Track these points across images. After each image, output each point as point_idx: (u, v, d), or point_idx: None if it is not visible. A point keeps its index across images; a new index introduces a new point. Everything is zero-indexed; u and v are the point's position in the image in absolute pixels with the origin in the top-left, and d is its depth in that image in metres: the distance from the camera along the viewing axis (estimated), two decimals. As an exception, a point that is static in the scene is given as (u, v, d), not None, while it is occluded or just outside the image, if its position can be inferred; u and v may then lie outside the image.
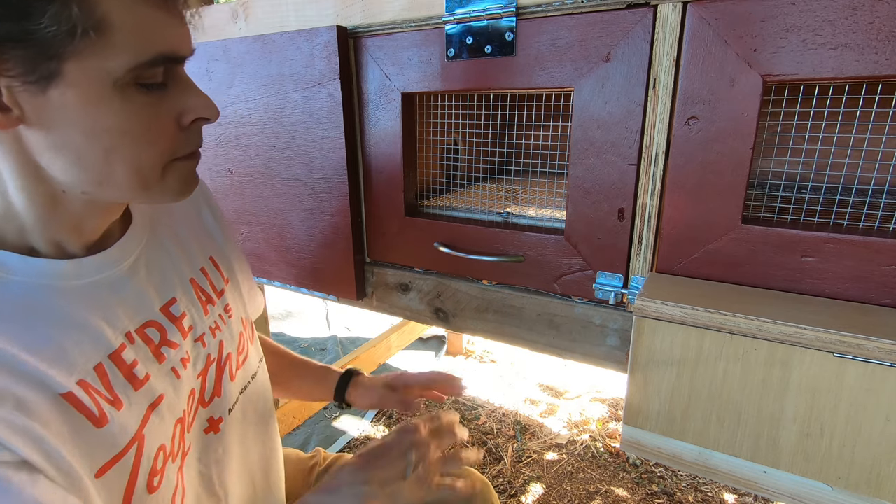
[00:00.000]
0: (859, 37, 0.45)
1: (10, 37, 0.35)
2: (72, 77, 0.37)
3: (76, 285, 0.46)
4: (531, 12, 0.59)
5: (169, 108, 0.44)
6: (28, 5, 0.34)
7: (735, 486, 0.65)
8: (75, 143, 0.40)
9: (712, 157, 0.53)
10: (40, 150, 0.40)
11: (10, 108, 0.37)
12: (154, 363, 0.50)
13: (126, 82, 0.39)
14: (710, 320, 0.50)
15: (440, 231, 0.75)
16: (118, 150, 0.41)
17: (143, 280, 0.52)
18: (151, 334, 0.51)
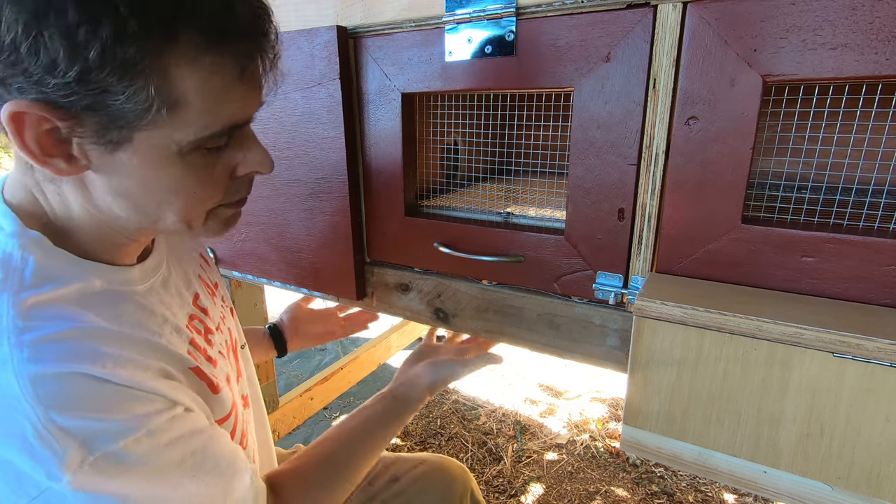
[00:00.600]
0: (859, 37, 0.45)
1: (88, 107, 0.37)
2: (140, 144, 0.40)
3: (143, 289, 0.50)
4: (531, 12, 0.59)
5: (225, 162, 0.46)
6: (109, 84, 0.36)
7: (735, 486, 0.65)
8: (133, 193, 0.43)
9: (712, 157, 0.53)
10: (101, 194, 0.43)
11: (79, 159, 0.40)
12: (210, 348, 0.57)
13: (189, 150, 0.42)
14: (710, 320, 0.50)
15: (440, 231, 0.75)
16: (171, 203, 0.44)
17: (175, 280, 0.57)
18: (198, 325, 0.56)
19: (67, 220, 0.45)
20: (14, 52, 0.34)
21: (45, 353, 0.38)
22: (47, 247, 0.43)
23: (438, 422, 1.78)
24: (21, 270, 0.41)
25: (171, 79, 0.38)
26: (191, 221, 0.47)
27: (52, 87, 0.35)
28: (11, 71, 0.35)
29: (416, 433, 1.72)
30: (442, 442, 1.68)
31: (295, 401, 1.51)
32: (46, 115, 0.37)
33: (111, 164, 0.41)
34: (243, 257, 0.94)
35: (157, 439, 0.41)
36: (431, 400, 1.91)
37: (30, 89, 0.36)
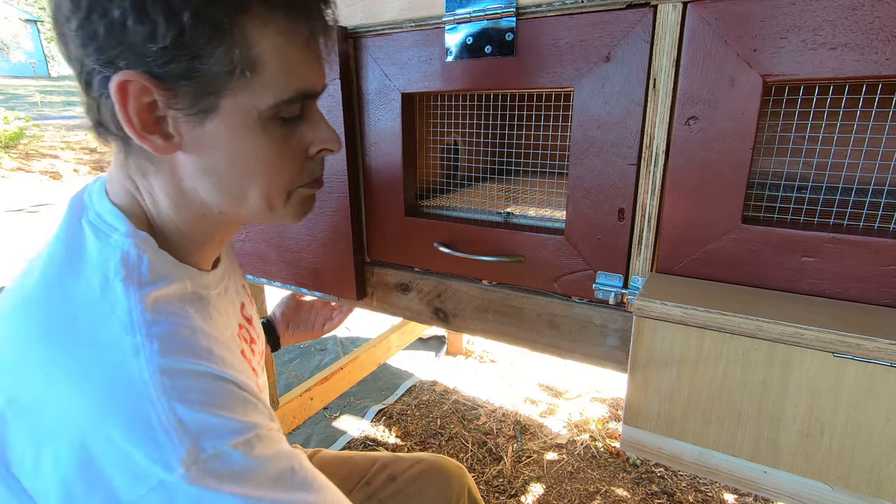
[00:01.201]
0: (859, 37, 0.45)
1: (182, 75, 0.40)
2: (226, 111, 0.43)
3: (215, 294, 0.53)
4: (531, 12, 0.59)
5: (299, 139, 0.48)
6: (200, 47, 0.39)
7: (735, 486, 0.65)
8: (219, 168, 0.45)
9: (712, 157, 0.53)
10: (189, 174, 0.46)
11: (173, 136, 0.43)
12: (253, 357, 0.58)
13: (268, 116, 0.44)
14: (710, 320, 0.50)
15: (440, 231, 0.75)
16: (253, 176, 0.46)
17: (231, 288, 0.60)
18: (245, 335, 0.58)
19: (161, 223, 0.48)
20: (122, 27, 0.37)
21: (173, 347, 0.40)
22: (154, 247, 0.46)
23: (438, 422, 1.78)
24: (138, 267, 0.43)
25: (250, 40, 0.41)
26: (272, 200, 0.49)
27: (152, 55, 0.38)
28: (120, 47, 0.38)
29: (416, 433, 1.72)
30: (442, 442, 1.68)
31: (295, 401, 1.51)
32: (148, 84, 0.39)
33: (200, 138, 0.43)
34: (243, 257, 0.94)
35: (263, 447, 0.41)
36: (431, 400, 1.91)
37: (133, 61, 0.39)
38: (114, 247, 0.44)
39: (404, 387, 1.99)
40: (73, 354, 0.39)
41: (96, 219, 0.46)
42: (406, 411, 1.85)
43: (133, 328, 0.40)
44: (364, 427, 1.75)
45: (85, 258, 0.43)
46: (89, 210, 0.47)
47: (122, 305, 0.41)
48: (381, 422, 1.78)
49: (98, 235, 0.44)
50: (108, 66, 0.39)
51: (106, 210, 0.46)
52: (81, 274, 0.42)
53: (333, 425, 1.76)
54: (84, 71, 0.41)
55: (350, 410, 1.84)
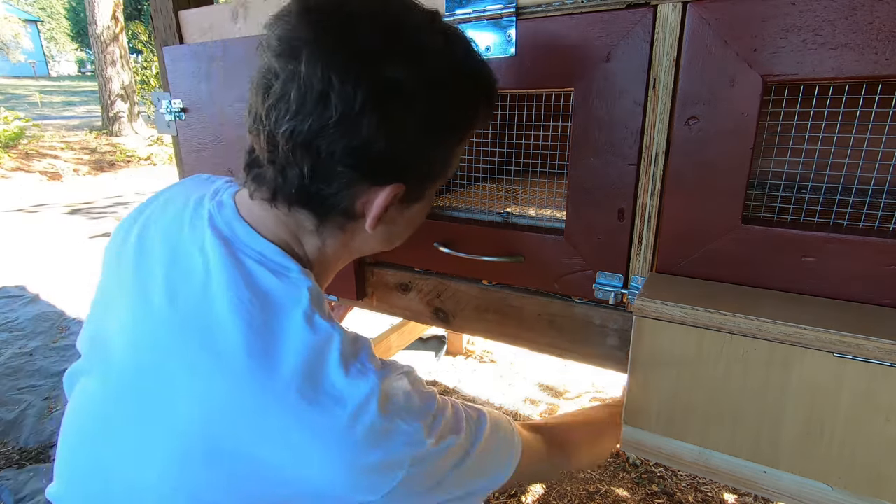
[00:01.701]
0: (859, 37, 0.45)
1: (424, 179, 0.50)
2: (427, 196, 0.52)
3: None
4: (531, 12, 0.59)
5: None
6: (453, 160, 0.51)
7: (735, 486, 0.65)
8: (395, 234, 0.55)
9: (712, 157, 0.53)
10: (369, 238, 0.52)
11: (386, 217, 0.49)
12: None
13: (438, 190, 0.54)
14: (710, 320, 0.49)
15: (440, 231, 0.75)
16: (412, 230, 0.57)
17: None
18: None
19: (314, 260, 0.52)
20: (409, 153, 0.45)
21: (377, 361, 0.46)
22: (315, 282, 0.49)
23: (438, 422, 1.78)
24: (320, 302, 0.47)
25: (461, 150, 0.52)
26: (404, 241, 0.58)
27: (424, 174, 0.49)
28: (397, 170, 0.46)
29: (416, 433, 1.72)
30: (442, 442, 1.68)
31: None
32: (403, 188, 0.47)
33: (401, 216, 0.52)
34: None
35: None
36: (431, 400, 1.91)
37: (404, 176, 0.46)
38: (298, 286, 0.46)
39: (404, 387, 1.99)
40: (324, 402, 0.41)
41: (261, 258, 0.47)
42: (406, 411, 1.85)
43: (350, 355, 0.44)
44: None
45: (275, 299, 0.45)
46: (242, 246, 0.48)
47: (334, 338, 0.44)
48: (381, 422, 1.78)
49: (276, 275, 0.46)
50: (371, 177, 0.45)
51: (269, 250, 0.48)
52: (282, 315, 0.44)
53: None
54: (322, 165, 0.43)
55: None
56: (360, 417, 0.41)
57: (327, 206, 0.47)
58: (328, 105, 0.40)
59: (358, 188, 0.45)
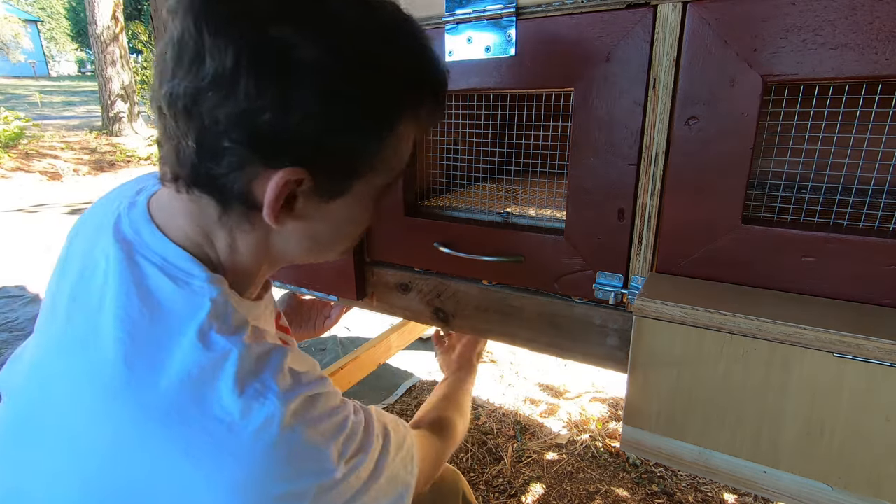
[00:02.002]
0: (859, 37, 0.45)
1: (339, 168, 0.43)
2: (355, 192, 0.45)
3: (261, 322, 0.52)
4: (531, 12, 0.59)
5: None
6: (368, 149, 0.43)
7: (735, 486, 0.65)
8: (322, 235, 0.47)
9: (712, 157, 0.53)
10: (289, 236, 0.46)
11: (298, 212, 0.43)
12: None
13: (381, 190, 0.47)
14: (710, 320, 0.49)
15: (440, 231, 0.75)
16: (348, 238, 0.50)
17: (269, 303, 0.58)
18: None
19: (229, 264, 0.46)
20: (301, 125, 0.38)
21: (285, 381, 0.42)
22: (228, 290, 0.45)
23: (438, 422, 1.78)
24: (225, 315, 0.42)
25: (401, 139, 0.44)
26: (348, 250, 0.53)
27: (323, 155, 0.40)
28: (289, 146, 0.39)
29: (416, 433, 1.72)
30: (442, 442, 1.68)
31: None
32: (304, 176, 0.40)
33: (319, 212, 0.45)
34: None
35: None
36: (431, 400, 1.91)
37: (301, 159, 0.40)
38: (200, 295, 0.42)
39: (404, 387, 1.99)
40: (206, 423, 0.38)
41: (164, 263, 0.43)
42: (406, 411, 1.85)
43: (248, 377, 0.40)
44: (364, 427, 1.75)
45: (169, 310, 0.41)
46: (144, 249, 0.44)
47: (231, 356, 0.40)
48: (381, 422, 1.78)
49: (176, 282, 0.42)
50: (263, 158, 0.39)
51: (173, 253, 0.43)
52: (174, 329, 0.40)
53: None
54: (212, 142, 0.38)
55: (350, 410, 1.84)
56: (256, 443, 0.38)
57: (222, 189, 0.41)
58: (203, 63, 0.35)
59: (251, 169, 0.39)
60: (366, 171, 0.44)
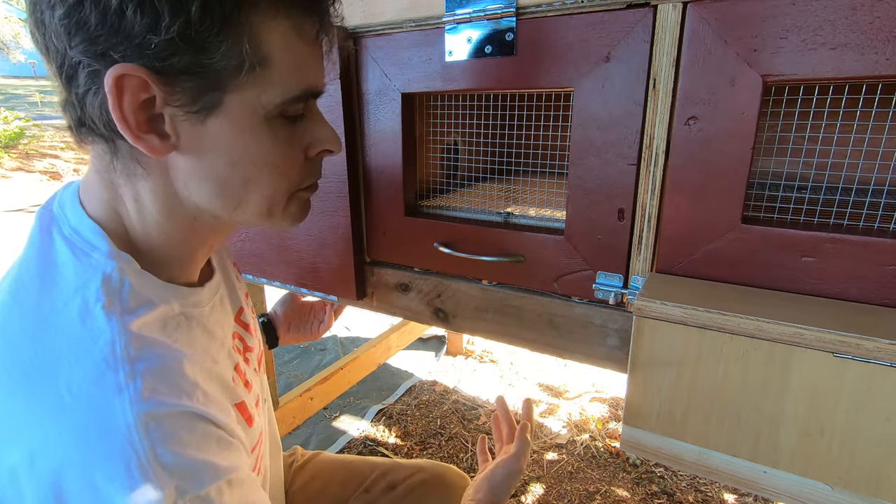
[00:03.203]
0: (859, 37, 0.45)
1: (185, 69, 0.37)
2: (231, 108, 0.40)
3: (208, 309, 0.50)
4: (531, 12, 0.59)
5: (301, 139, 0.46)
6: (207, 40, 0.37)
7: (735, 486, 0.65)
8: (220, 170, 0.42)
9: (712, 157, 0.53)
10: (184, 177, 0.43)
11: (170, 136, 0.40)
12: (247, 368, 0.55)
13: (274, 115, 0.42)
14: (710, 320, 0.49)
15: (440, 231, 0.75)
16: (257, 180, 0.44)
17: (225, 296, 0.57)
18: (238, 344, 0.56)
19: (145, 236, 0.44)
20: (120, 16, 0.35)
21: (157, 385, 0.38)
22: (138, 269, 0.43)
23: (438, 422, 1.78)
24: (120, 293, 0.40)
25: (260, 35, 0.39)
26: (273, 205, 0.46)
27: (154, 48, 0.36)
28: (115, 38, 0.35)
29: (417, 433, 1.72)
30: (442, 442, 1.68)
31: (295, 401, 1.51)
32: (147, 78, 0.37)
33: (199, 138, 0.40)
34: (243, 257, 0.94)
35: (233, 493, 0.39)
36: (431, 400, 1.91)
37: (131, 54, 0.36)
38: (94, 268, 0.40)
39: (404, 387, 1.99)
40: (54, 390, 0.36)
41: (73, 234, 0.42)
42: (406, 411, 1.85)
43: (117, 364, 0.37)
44: (364, 427, 1.75)
45: (61, 280, 0.40)
46: (62, 223, 0.43)
47: (105, 336, 0.38)
48: (381, 422, 1.78)
49: (76, 254, 0.41)
50: (100, 59, 0.36)
51: (84, 226, 0.42)
52: (59, 298, 0.39)
53: (333, 425, 1.76)
54: (67, 64, 0.37)
55: (350, 410, 1.84)
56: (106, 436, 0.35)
57: (93, 119, 0.39)
58: None
59: (101, 82, 0.37)
60: (232, 81, 0.39)
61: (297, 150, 0.46)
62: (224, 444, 0.41)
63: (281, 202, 0.46)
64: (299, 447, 0.89)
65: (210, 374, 0.44)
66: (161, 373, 0.39)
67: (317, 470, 0.84)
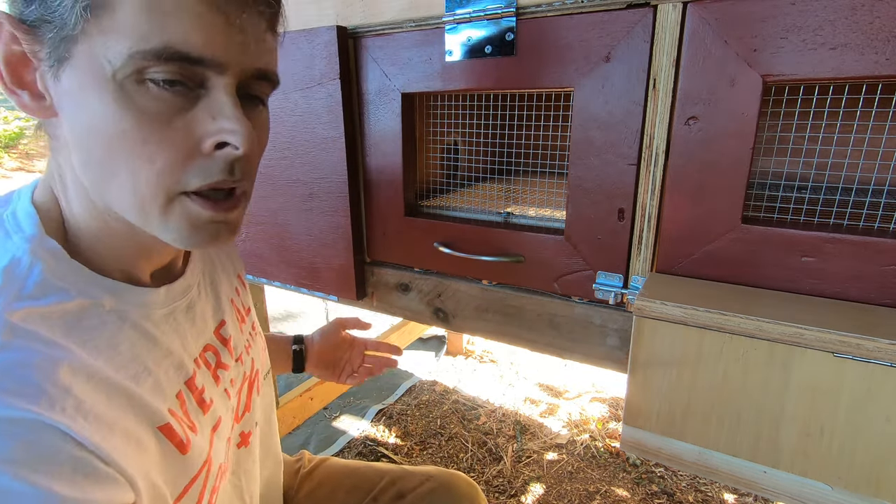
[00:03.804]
0: (859, 37, 0.45)
1: (41, 17, 0.34)
2: (79, 61, 0.34)
3: (161, 314, 0.45)
4: (531, 12, 0.59)
5: (190, 123, 0.37)
6: None
7: (735, 486, 0.65)
8: (81, 135, 0.37)
9: (712, 157, 0.53)
10: (64, 143, 0.38)
11: (43, 96, 0.37)
12: (214, 387, 0.50)
13: (128, 75, 0.34)
14: (710, 320, 0.49)
15: (440, 231, 0.75)
16: (118, 154, 0.36)
17: (204, 303, 0.52)
18: (210, 358, 0.51)
19: (72, 218, 0.41)
20: None
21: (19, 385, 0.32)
22: (61, 257, 0.39)
23: (438, 422, 1.78)
24: (24, 279, 0.36)
25: None
26: (144, 201, 0.37)
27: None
28: None
29: (416, 433, 1.72)
30: (442, 442, 1.68)
31: (295, 400, 1.51)
32: (12, 28, 0.34)
33: (61, 96, 0.36)
34: (243, 257, 0.94)
35: None
36: (431, 400, 1.91)
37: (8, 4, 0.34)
38: (6, 250, 0.37)
39: (404, 387, 1.99)
40: None
41: (10, 217, 0.40)
42: (406, 411, 1.85)
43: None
44: (364, 427, 1.75)
45: None
46: (8, 206, 0.41)
47: None
48: (381, 422, 1.78)
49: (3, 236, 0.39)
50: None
51: (22, 209, 0.40)
52: None
53: (333, 425, 1.76)
54: None
55: (350, 410, 1.84)
56: None
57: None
58: None
59: None
60: (76, 26, 0.34)
61: (179, 133, 0.36)
62: (87, 472, 0.33)
63: (154, 200, 0.38)
64: (307, 452, 0.88)
65: (113, 385, 0.38)
66: (14, 370, 0.32)
67: (324, 476, 0.82)
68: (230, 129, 0.37)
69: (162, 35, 0.33)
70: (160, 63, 0.34)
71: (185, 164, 0.37)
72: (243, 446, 0.59)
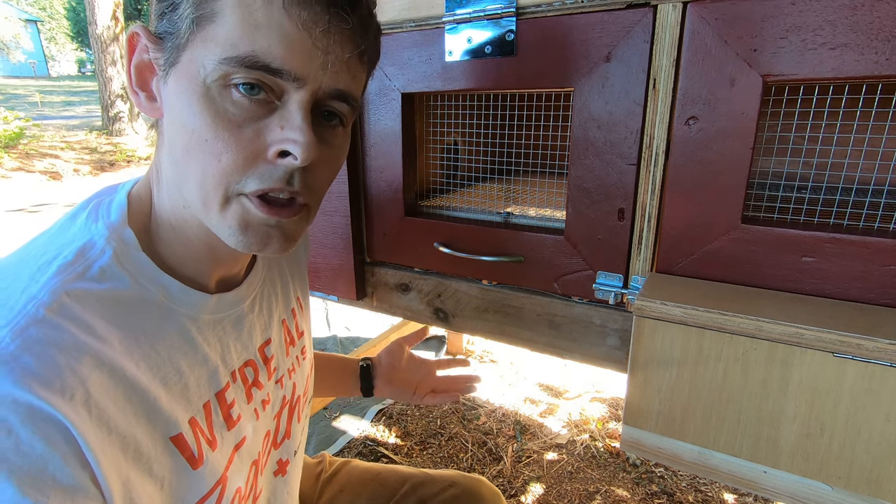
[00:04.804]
0: (859, 37, 0.45)
1: (166, 30, 0.39)
2: (182, 66, 0.38)
3: (209, 320, 0.46)
4: (531, 12, 0.59)
5: (258, 130, 0.39)
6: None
7: (735, 486, 0.65)
8: (172, 132, 0.40)
9: (712, 157, 0.53)
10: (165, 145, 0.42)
11: (156, 98, 0.41)
12: (245, 403, 0.50)
13: (217, 80, 0.37)
14: (709, 320, 0.49)
15: (440, 231, 0.75)
16: (193, 149, 0.39)
17: (255, 318, 0.53)
18: (248, 374, 0.51)
19: (161, 214, 0.44)
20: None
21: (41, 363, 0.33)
22: (133, 246, 0.41)
23: (438, 422, 1.78)
24: (93, 262, 0.39)
25: None
26: (207, 194, 0.39)
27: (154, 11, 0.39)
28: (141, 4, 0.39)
29: (416, 433, 1.72)
30: (442, 442, 1.68)
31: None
32: (145, 38, 0.40)
33: (167, 98, 0.40)
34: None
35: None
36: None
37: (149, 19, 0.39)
38: (88, 233, 0.41)
39: (404, 387, 1.99)
40: None
41: (105, 204, 0.43)
42: (406, 411, 1.85)
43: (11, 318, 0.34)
44: (364, 427, 1.75)
45: (61, 237, 0.41)
46: (112, 195, 0.45)
47: (28, 291, 0.36)
48: (381, 422, 1.78)
49: (90, 218, 0.42)
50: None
51: (118, 199, 0.44)
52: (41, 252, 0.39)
53: (333, 425, 1.76)
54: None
55: (350, 410, 1.84)
56: None
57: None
58: None
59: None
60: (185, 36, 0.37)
61: (245, 136, 0.38)
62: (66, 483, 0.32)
63: (215, 195, 0.40)
64: (327, 454, 0.86)
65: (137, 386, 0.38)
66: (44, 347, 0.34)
67: (345, 482, 0.81)
68: (293, 139, 0.39)
69: (250, 45, 0.36)
70: (243, 69, 0.37)
71: (249, 167, 0.39)
72: (280, 475, 0.57)
